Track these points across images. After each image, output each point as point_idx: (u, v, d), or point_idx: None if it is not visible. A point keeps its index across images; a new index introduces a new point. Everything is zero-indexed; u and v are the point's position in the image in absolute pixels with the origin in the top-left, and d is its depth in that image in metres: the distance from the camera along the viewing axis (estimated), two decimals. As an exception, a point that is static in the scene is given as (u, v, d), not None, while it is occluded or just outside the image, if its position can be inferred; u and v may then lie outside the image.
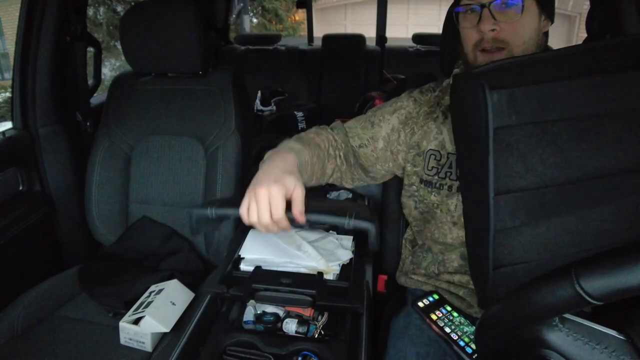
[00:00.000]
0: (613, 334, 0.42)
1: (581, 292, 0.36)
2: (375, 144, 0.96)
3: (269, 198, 0.64)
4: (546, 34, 0.85)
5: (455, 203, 0.89)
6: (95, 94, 1.58)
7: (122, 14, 6.16)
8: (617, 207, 0.49)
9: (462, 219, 0.87)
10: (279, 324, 0.83)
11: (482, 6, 0.76)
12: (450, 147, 0.89)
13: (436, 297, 0.93)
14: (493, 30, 0.76)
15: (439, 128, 0.91)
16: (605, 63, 0.49)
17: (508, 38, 0.77)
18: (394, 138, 0.96)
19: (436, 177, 0.91)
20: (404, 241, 1.07)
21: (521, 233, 0.50)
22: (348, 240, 0.96)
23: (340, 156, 0.93)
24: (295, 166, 0.73)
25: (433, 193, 0.92)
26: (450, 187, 0.89)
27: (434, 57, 1.16)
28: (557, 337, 0.42)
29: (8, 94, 4.96)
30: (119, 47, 1.33)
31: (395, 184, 1.10)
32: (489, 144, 0.48)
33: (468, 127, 0.53)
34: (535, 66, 0.50)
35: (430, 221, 0.94)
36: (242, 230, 1.03)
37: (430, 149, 0.92)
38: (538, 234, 0.50)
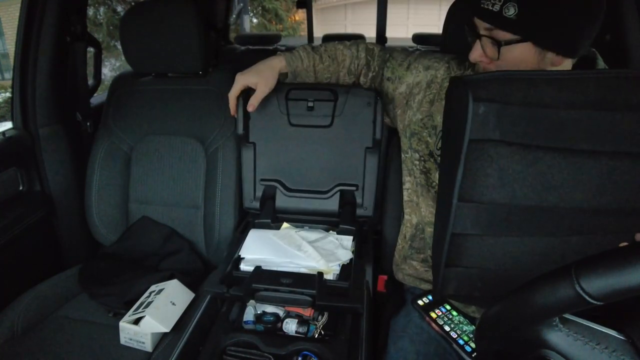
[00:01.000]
0: (613, 334, 0.42)
1: (581, 292, 0.36)
2: (399, 85, 0.97)
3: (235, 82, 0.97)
4: None
5: None
6: (95, 94, 1.58)
7: (122, 14, 6.17)
8: (587, 240, 0.48)
9: None
10: (279, 324, 0.83)
11: (475, 32, 0.75)
12: None
13: (436, 297, 0.93)
14: (483, 61, 0.76)
15: None
16: (613, 97, 0.46)
17: (502, 66, 0.75)
18: (415, 91, 0.95)
19: None
20: (399, 236, 1.06)
21: (480, 241, 0.51)
22: (348, 241, 0.96)
23: (362, 73, 1.03)
24: (273, 71, 0.97)
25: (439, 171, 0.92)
26: None
27: (434, 57, 1.15)
28: (557, 337, 0.42)
29: (8, 94, 4.97)
30: (119, 47, 1.33)
31: (396, 183, 1.11)
32: (462, 154, 0.48)
33: (451, 130, 0.52)
34: (534, 86, 0.47)
35: (426, 197, 0.94)
36: (242, 230, 1.03)
37: (442, 130, 0.91)
38: (499, 245, 0.50)
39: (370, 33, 3.32)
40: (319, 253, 0.89)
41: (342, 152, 1.06)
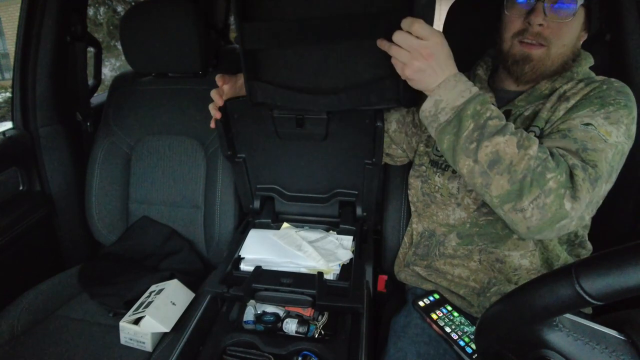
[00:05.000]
0: (613, 334, 0.42)
1: (581, 292, 0.36)
2: (389, 125, 0.99)
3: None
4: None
5: (457, 186, 0.90)
6: (95, 94, 1.58)
7: (122, 14, 6.16)
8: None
9: (465, 200, 0.89)
10: (279, 324, 0.83)
11: (538, 0, 0.76)
12: None
13: (437, 296, 0.93)
14: (541, 25, 0.76)
15: None
16: None
17: (552, 37, 0.77)
18: (408, 120, 0.99)
19: (442, 159, 0.93)
20: (405, 237, 1.07)
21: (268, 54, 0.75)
22: (348, 241, 0.96)
23: None
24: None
25: (437, 174, 0.93)
26: (454, 170, 0.89)
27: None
28: (557, 337, 0.42)
29: (8, 94, 4.97)
30: (119, 47, 1.33)
31: (396, 183, 1.10)
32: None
33: None
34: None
35: (431, 205, 0.96)
36: (242, 230, 1.03)
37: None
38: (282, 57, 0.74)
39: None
40: (319, 253, 0.89)
41: (339, 164, 0.98)
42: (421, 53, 0.65)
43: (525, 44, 0.78)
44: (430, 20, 0.67)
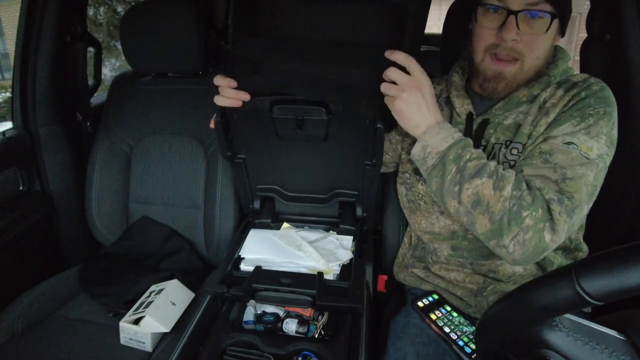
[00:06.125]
0: (613, 334, 0.42)
1: (581, 292, 0.36)
2: None
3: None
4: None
5: None
6: (95, 94, 1.58)
7: (122, 14, 6.16)
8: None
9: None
10: (279, 324, 0.83)
11: (510, 12, 0.73)
12: None
13: (436, 297, 0.93)
14: (514, 40, 0.74)
15: None
16: None
17: (525, 50, 0.76)
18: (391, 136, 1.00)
19: None
20: (405, 237, 1.07)
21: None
22: (348, 241, 0.96)
23: None
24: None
25: (421, 181, 0.93)
26: None
27: (434, 57, 1.15)
28: (557, 337, 0.42)
29: (8, 94, 4.96)
30: (119, 47, 1.33)
31: (396, 184, 1.10)
32: None
33: None
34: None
35: (416, 212, 0.97)
36: (242, 230, 1.03)
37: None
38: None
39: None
40: (319, 253, 0.89)
41: (339, 164, 0.97)
42: (411, 87, 0.69)
43: (498, 60, 0.77)
44: (417, 55, 0.71)
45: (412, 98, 0.70)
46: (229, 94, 0.78)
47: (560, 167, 0.71)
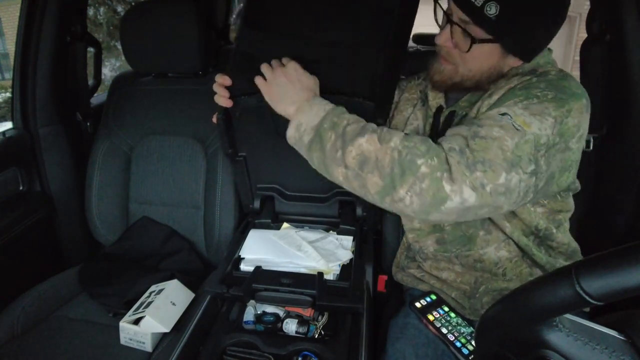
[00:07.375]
0: (613, 334, 0.42)
1: (581, 292, 0.36)
2: None
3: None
4: None
5: None
6: (95, 94, 1.58)
7: (122, 14, 6.16)
8: None
9: None
10: (279, 324, 0.83)
11: (448, 17, 0.75)
12: (425, 133, 0.91)
13: (434, 297, 0.93)
14: (448, 45, 0.77)
15: (416, 114, 0.93)
16: None
17: (458, 60, 0.77)
18: None
19: None
20: (404, 237, 1.07)
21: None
22: (348, 241, 0.96)
23: None
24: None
25: None
26: None
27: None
28: (557, 337, 0.42)
29: (8, 94, 4.97)
30: (119, 47, 1.34)
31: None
32: None
33: None
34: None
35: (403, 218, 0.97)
36: (242, 230, 1.03)
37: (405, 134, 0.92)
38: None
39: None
40: (319, 253, 0.89)
41: None
42: (276, 75, 0.74)
43: (442, 57, 0.80)
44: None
45: (275, 83, 0.74)
46: (220, 93, 0.80)
47: (477, 126, 0.67)
